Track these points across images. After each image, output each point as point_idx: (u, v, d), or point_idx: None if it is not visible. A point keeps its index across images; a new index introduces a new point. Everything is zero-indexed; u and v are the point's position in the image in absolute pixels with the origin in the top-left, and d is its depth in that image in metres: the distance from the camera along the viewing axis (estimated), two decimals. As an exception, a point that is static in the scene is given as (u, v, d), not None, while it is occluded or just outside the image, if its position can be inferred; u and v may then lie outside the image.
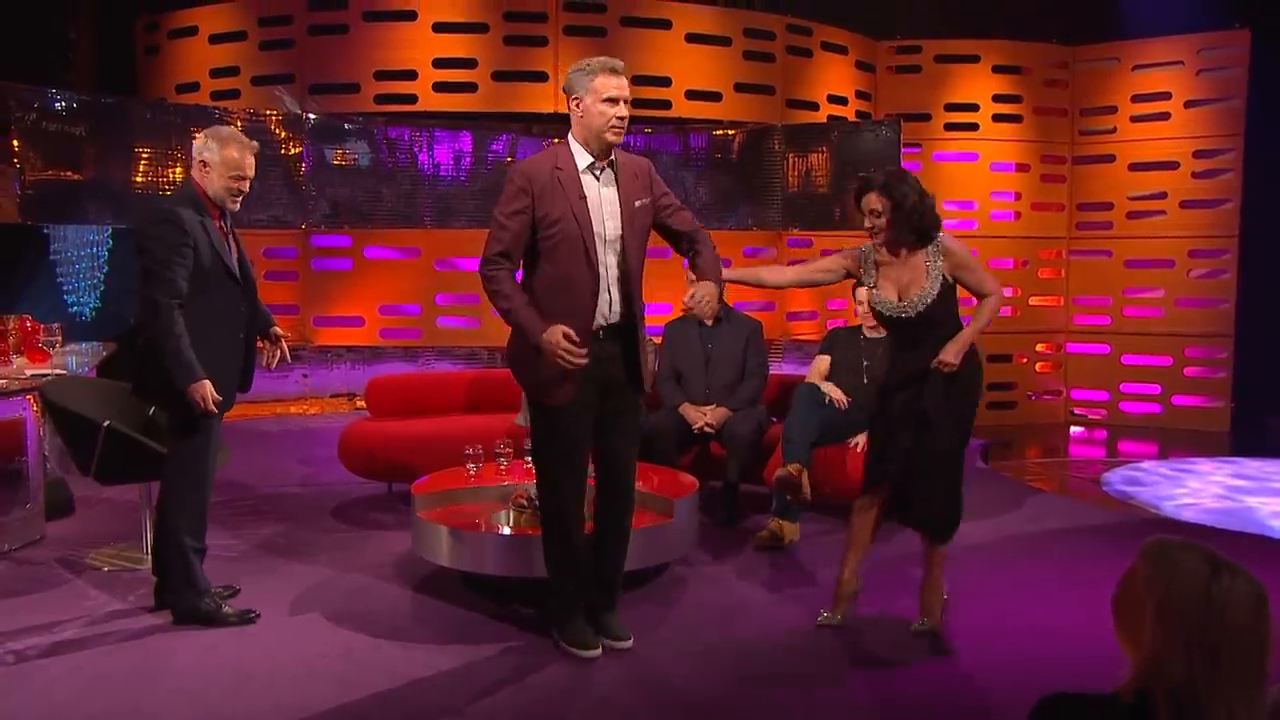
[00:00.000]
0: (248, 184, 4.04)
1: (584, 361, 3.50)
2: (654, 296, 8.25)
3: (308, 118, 8.31)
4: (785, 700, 3.46)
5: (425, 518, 4.40)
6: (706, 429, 5.53)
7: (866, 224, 3.91)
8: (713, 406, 5.61)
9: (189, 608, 4.00)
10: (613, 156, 3.71)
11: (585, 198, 3.63)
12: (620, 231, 3.67)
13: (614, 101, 3.60)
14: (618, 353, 3.74)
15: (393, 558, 4.85)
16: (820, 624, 4.03)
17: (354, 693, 3.43)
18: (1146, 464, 7.45)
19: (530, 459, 4.46)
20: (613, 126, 3.61)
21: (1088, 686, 1.78)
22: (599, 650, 3.74)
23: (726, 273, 3.90)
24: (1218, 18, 8.65)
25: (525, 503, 4.33)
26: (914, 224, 3.85)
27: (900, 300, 3.90)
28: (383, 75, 8.06)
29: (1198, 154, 8.67)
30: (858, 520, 4.04)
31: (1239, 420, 8.66)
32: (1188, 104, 8.70)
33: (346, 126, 8.55)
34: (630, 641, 3.84)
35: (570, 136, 3.70)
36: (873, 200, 3.87)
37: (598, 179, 3.68)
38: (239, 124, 7.87)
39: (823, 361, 5.61)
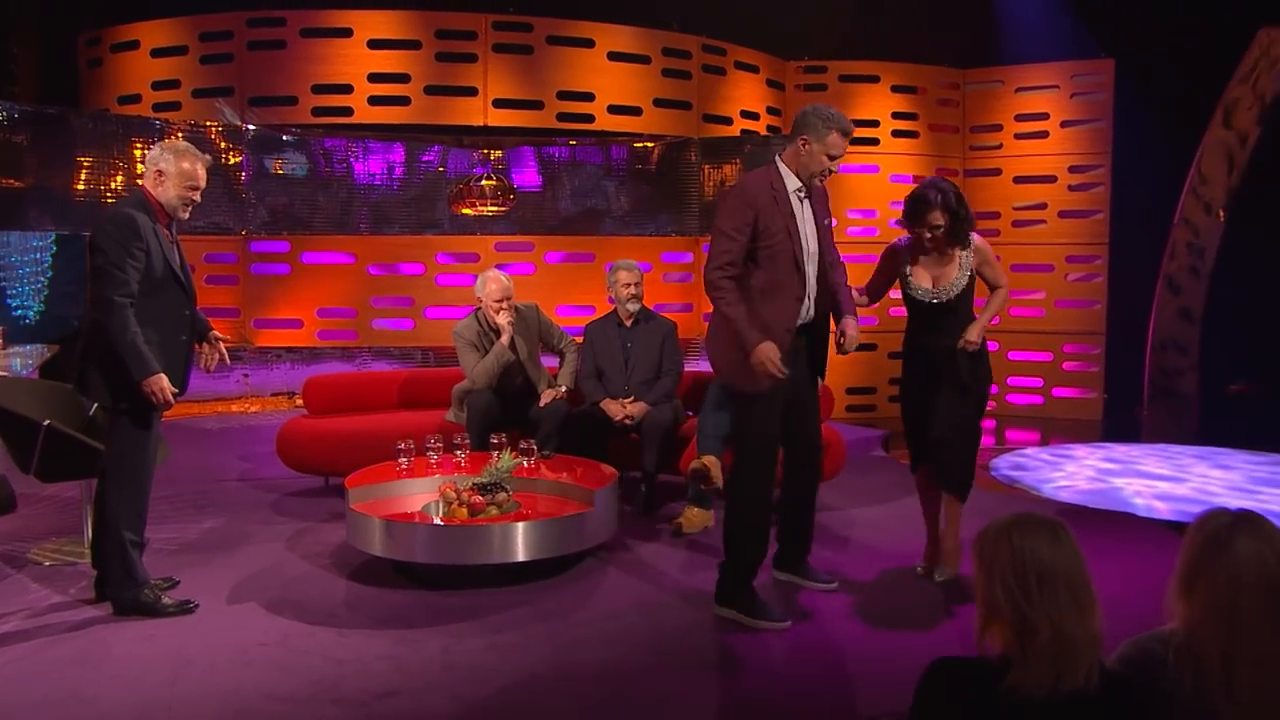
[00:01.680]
0: (199, 194, 3.97)
1: (784, 376, 3.73)
2: (576, 298, 8.32)
3: (247, 129, 8.13)
4: (699, 673, 3.49)
5: (359, 510, 4.34)
6: (627, 421, 5.54)
7: (927, 235, 4.20)
8: (631, 399, 5.61)
9: (129, 599, 3.89)
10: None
11: (794, 216, 3.86)
12: (817, 247, 3.96)
13: (834, 159, 3.90)
14: (803, 346, 4.01)
15: (328, 548, 4.77)
16: (920, 574, 4.41)
17: (290, 677, 3.38)
18: (1030, 450, 7.64)
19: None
20: (823, 175, 3.93)
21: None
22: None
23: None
24: (1086, 48, 8.98)
25: (454, 495, 4.28)
26: (963, 229, 4.19)
27: (934, 287, 4.24)
28: (319, 89, 7.92)
29: (1072, 169, 8.94)
30: (923, 497, 4.50)
31: (1110, 409, 8.99)
32: (1063, 124, 8.96)
33: (285, 138, 8.39)
34: (836, 584, 4.24)
35: (780, 158, 3.96)
36: (937, 217, 4.16)
37: (801, 201, 3.92)
38: (179, 135, 7.66)
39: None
